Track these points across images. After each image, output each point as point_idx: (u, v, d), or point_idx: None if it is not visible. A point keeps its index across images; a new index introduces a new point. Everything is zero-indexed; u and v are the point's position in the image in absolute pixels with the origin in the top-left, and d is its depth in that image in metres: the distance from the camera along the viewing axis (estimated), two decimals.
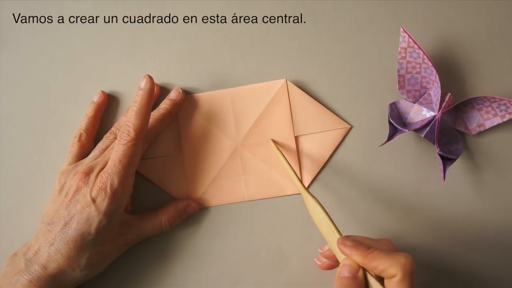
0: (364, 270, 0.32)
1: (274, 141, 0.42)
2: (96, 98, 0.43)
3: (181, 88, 0.42)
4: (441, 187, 0.42)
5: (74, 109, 0.43)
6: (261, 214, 0.43)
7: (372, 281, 0.31)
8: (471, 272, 0.42)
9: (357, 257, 0.32)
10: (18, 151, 0.43)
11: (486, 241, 0.42)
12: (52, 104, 0.44)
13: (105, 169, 0.37)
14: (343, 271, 0.32)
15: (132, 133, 0.37)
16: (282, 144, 0.42)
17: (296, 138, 0.42)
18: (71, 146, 0.42)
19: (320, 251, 0.38)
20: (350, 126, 0.43)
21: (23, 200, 0.43)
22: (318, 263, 0.38)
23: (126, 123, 0.38)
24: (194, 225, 0.43)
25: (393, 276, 0.30)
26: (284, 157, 0.40)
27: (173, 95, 0.42)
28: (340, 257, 0.33)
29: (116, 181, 0.36)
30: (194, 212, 0.42)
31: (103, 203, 0.36)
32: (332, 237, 0.34)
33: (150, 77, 0.39)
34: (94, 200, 0.36)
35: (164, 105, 0.42)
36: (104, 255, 0.38)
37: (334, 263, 0.37)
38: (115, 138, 0.40)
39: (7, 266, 0.37)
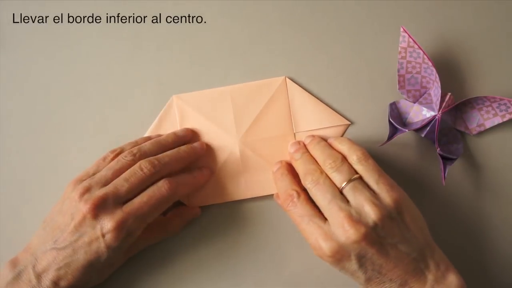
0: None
1: None
2: (197, 144, 0.42)
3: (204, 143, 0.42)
4: (441, 187, 0.42)
5: (74, 109, 0.43)
6: (261, 214, 0.42)
7: None
8: (471, 272, 0.42)
9: None
10: (18, 151, 0.43)
11: (486, 241, 0.42)
12: (52, 104, 0.44)
13: (128, 208, 0.36)
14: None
15: (181, 192, 0.38)
16: (282, 141, 0.42)
17: (296, 135, 0.42)
18: (103, 161, 0.39)
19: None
20: (349, 123, 0.43)
21: (23, 200, 0.43)
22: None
23: (184, 179, 0.39)
24: (194, 225, 0.42)
25: None
26: None
27: (196, 144, 0.42)
28: None
29: (135, 224, 0.36)
30: (197, 216, 0.42)
31: (114, 241, 0.35)
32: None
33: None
34: (104, 237, 0.35)
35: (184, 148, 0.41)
36: (111, 269, 0.39)
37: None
38: (133, 161, 0.37)
39: (11, 274, 0.36)
